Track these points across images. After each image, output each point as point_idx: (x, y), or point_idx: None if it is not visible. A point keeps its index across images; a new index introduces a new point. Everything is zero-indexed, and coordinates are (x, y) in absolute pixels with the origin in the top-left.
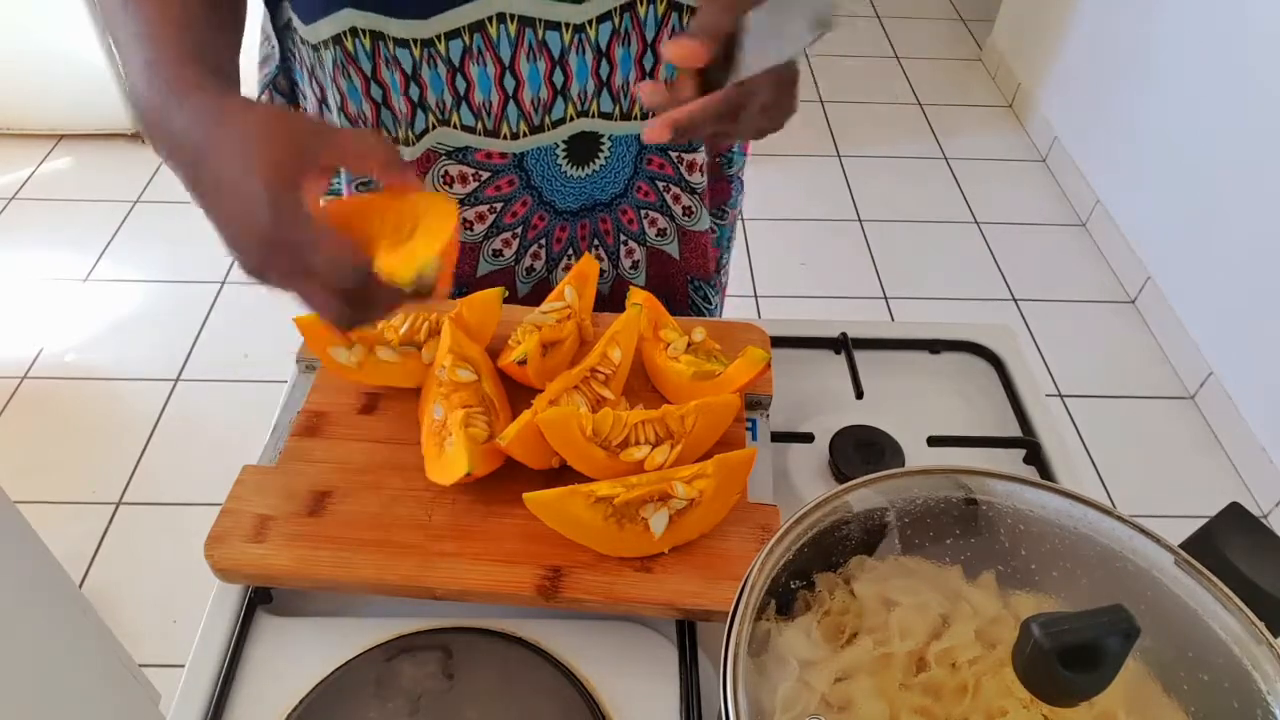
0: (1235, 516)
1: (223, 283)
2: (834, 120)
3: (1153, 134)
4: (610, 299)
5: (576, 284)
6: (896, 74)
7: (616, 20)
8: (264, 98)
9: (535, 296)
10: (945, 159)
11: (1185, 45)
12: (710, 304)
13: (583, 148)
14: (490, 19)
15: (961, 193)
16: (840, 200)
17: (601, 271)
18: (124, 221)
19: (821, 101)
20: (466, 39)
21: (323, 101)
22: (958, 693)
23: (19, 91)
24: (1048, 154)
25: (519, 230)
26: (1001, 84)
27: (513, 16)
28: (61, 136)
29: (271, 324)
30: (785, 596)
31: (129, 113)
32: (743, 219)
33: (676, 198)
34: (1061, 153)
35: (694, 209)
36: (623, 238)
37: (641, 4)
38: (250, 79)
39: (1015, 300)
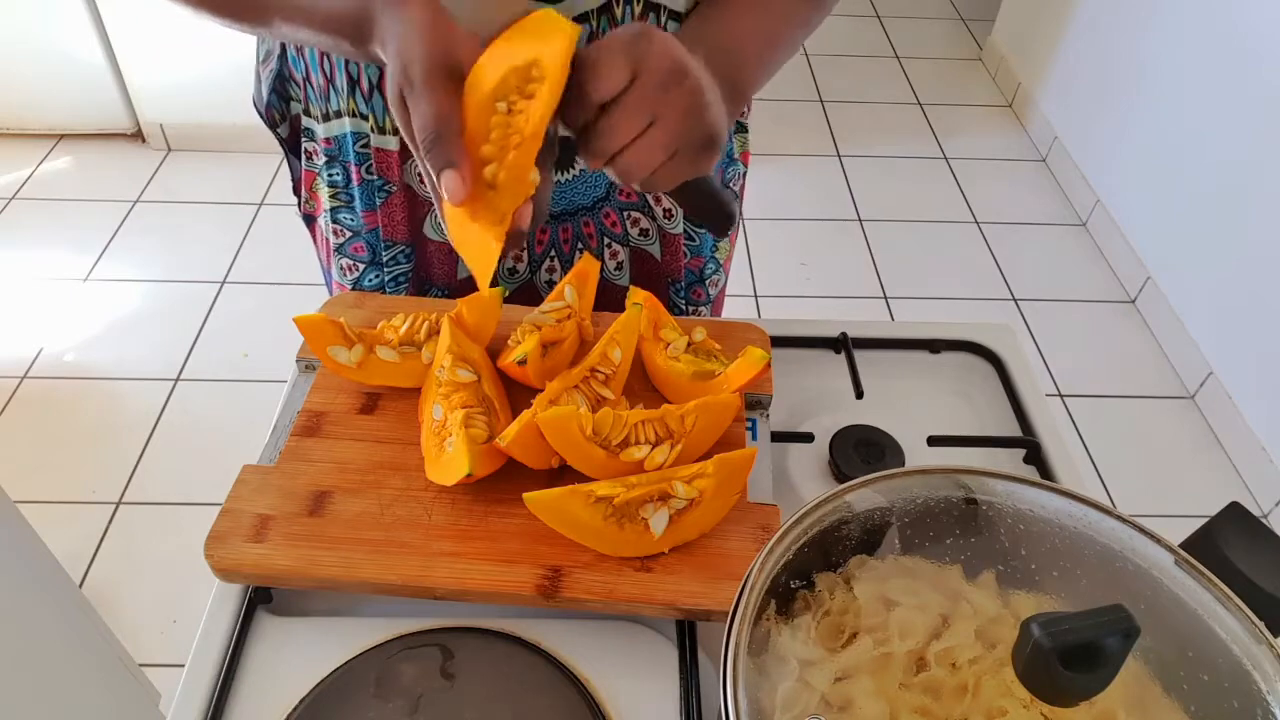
0: (1235, 516)
1: (223, 283)
2: (834, 120)
3: (1153, 134)
4: (597, 301)
5: (576, 284)
6: (896, 74)
7: (594, 22)
8: (270, 97)
9: (519, 298)
10: (945, 159)
11: (1185, 45)
12: (690, 310)
13: (561, 153)
14: None
15: (961, 193)
16: (840, 200)
17: None
18: (124, 221)
19: (821, 101)
20: None
21: (331, 82)
22: (958, 692)
23: (19, 91)
24: (1048, 154)
25: None
26: (1001, 84)
27: None
28: (61, 136)
29: (271, 324)
30: (785, 596)
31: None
32: (743, 219)
33: (657, 199)
34: (1061, 153)
35: (672, 211)
36: (606, 240)
37: (618, 5)
38: (247, 68)
39: (1015, 300)
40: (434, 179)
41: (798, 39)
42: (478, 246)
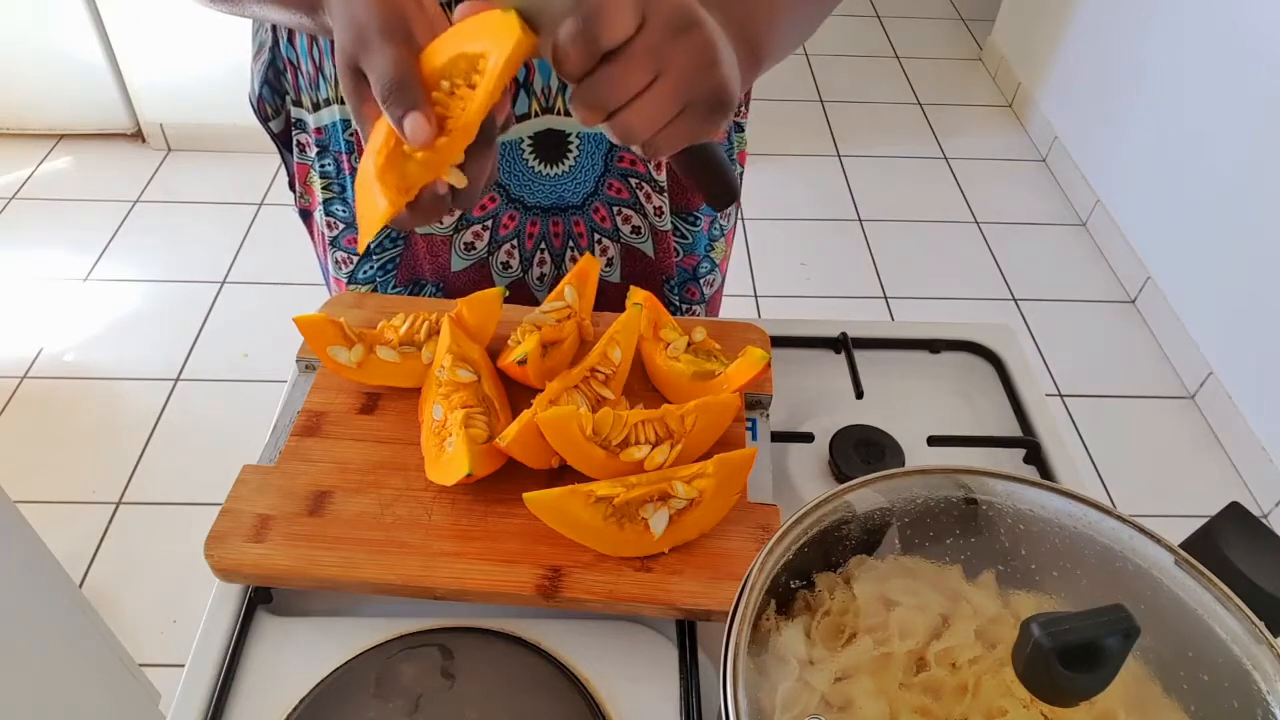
0: (1235, 516)
1: (223, 283)
2: (834, 120)
3: (1153, 134)
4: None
5: (576, 284)
6: (896, 74)
7: None
8: (263, 90)
9: (512, 295)
10: (945, 159)
11: (1185, 45)
12: (685, 309)
13: (551, 145)
14: (449, 4)
15: (961, 193)
16: (840, 200)
17: None
18: (124, 221)
19: (821, 101)
20: None
21: (320, 70)
22: (958, 692)
23: (19, 91)
24: (1048, 154)
25: (489, 224)
26: (1001, 84)
27: None
28: (61, 136)
29: (271, 324)
30: (785, 596)
31: None
32: (743, 219)
33: (648, 195)
34: (1061, 153)
35: (662, 208)
36: (596, 236)
37: None
38: (247, 68)
39: (1015, 300)
40: (396, 125)
41: (816, 6)
42: (372, 206)
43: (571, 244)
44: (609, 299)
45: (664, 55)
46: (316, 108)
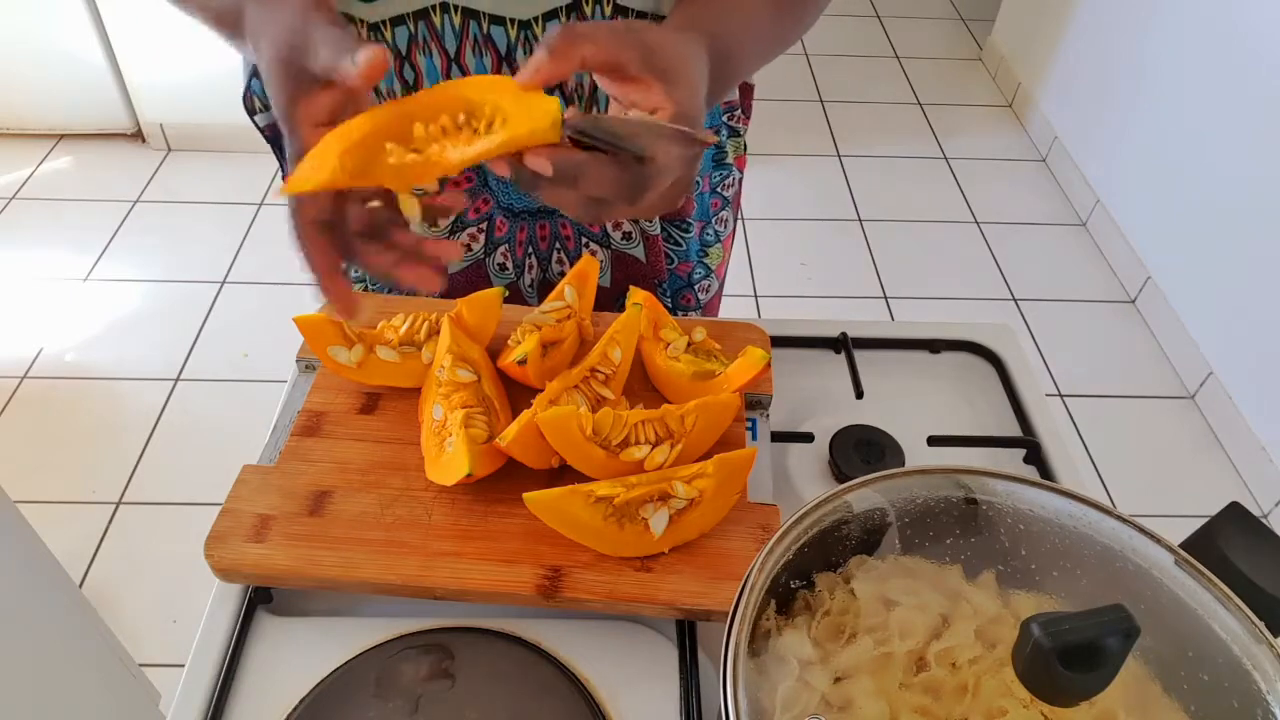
0: (1235, 516)
1: (223, 283)
2: (834, 120)
3: (1153, 134)
4: None
5: (576, 284)
6: (896, 74)
7: (563, 19)
8: (252, 83)
9: (509, 298)
10: (945, 159)
11: (1185, 45)
12: (679, 315)
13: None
14: (434, 8)
15: (961, 193)
16: (840, 200)
17: (563, 275)
18: (124, 221)
19: (821, 101)
20: (412, 27)
21: None
22: (958, 692)
23: (19, 91)
24: (1048, 154)
25: (484, 226)
26: (1001, 84)
27: (456, 7)
28: (61, 136)
29: (271, 324)
30: (785, 596)
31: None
32: (743, 219)
33: None
34: (1061, 153)
35: None
36: (584, 240)
37: (588, 3)
38: (241, 60)
39: (1015, 300)
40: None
41: (795, 31)
42: (317, 168)
43: (559, 246)
44: (599, 304)
45: (640, 193)
46: None
